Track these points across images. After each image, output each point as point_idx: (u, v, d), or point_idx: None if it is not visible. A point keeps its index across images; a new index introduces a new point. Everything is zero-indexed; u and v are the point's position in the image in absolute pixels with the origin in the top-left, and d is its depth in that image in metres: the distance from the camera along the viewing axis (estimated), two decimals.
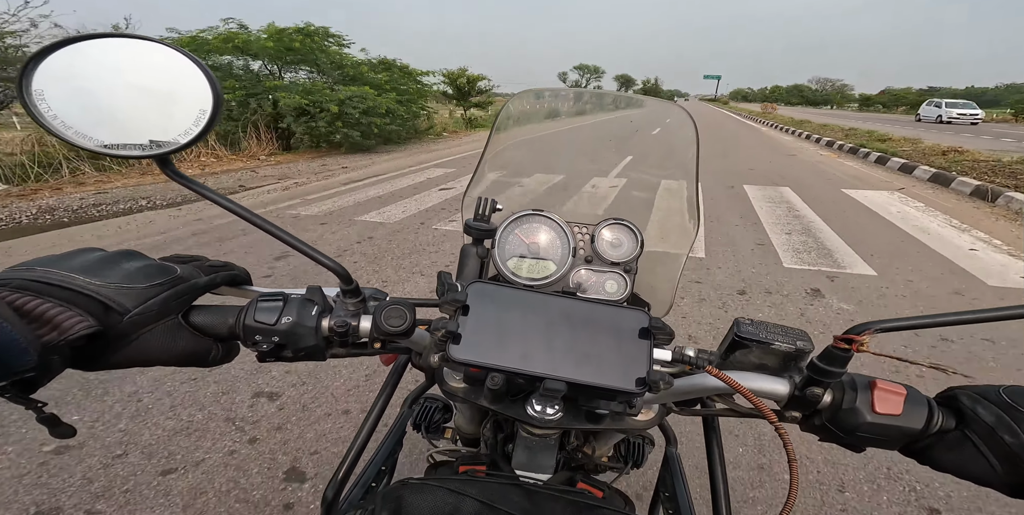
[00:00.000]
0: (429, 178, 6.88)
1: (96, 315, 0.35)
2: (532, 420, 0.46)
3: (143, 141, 0.39)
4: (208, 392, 1.98)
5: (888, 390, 0.40)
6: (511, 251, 0.69)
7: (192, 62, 0.39)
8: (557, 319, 0.46)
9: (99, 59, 0.38)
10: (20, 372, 0.31)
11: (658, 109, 0.85)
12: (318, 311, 0.45)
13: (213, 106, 0.39)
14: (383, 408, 0.66)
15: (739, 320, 0.46)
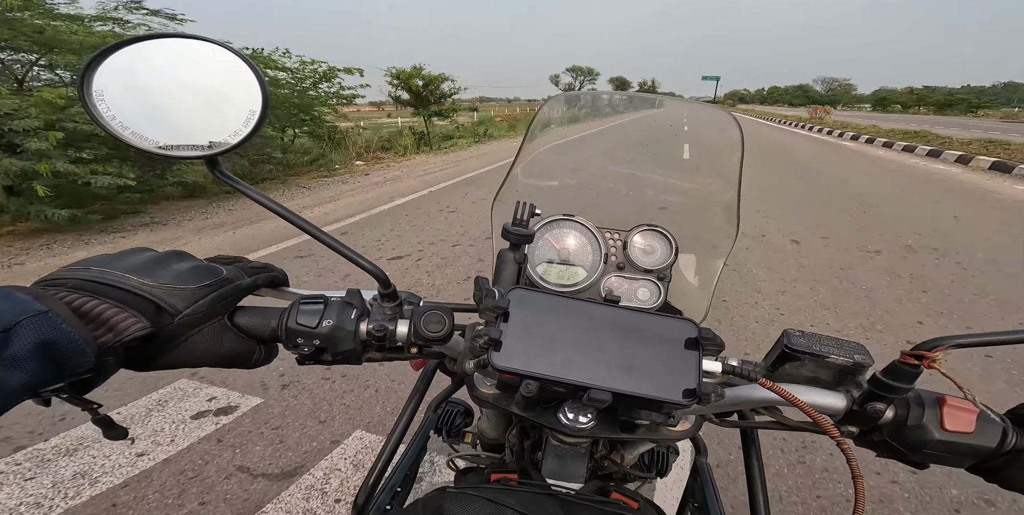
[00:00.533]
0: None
1: (149, 316, 0.35)
2: (564, 428, 0.45)
3: (196, 142, 0.40)
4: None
5: (959, 407, 0.38)
6: (541, 256, 0.69)
7: (243, 62, 0.39)
8: (600, 327, 0.44)
9: (157, 59, 0.38)
10: (78, 373, 0.31)
11: (697, 111, 0.83)
12: (357, 315, 0.45)
13: (262, 107, 0.39)
14: (413, 413, 0.66)
15: (789, 332, 0.44)
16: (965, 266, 3.64)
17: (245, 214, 5.43)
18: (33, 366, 0.28)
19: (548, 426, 0.46)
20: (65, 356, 0.29)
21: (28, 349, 0.27)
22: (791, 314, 2.87)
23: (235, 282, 0.42)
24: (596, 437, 0.52)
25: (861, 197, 6.27)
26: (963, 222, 5.00)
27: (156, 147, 0.39)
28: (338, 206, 5.82)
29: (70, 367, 0.30)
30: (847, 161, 10.63)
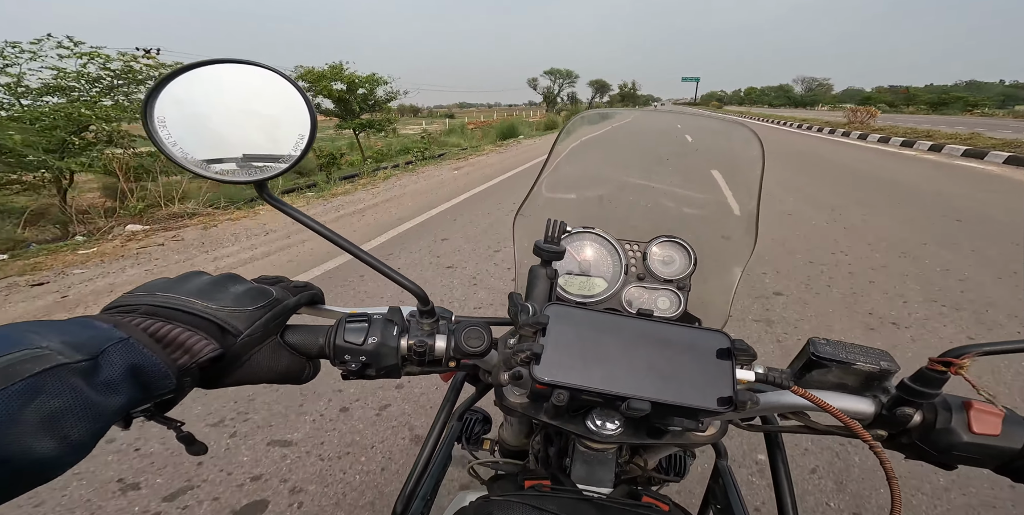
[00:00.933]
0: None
1: (216, 338, 0.37)
2: (593, 435, 0.46)
3: (248, 166, 0.41)
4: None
5: (985, 411, 0.40)
6: (562, 268, 0.70)
7: (292, 86, 0.40)
8: (635, 340, 0.46)
9: (212, 85, 0.39)
10: (162, 394, 0.33)
11: (715, 125, 0.85)
12: (398, 331, 0.47)
13: (310, 131, 0.41)
14: (446, 422, 0.67)
15: (814, 340, 0.46)
16: None
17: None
18: (125, 389, 0.29)
19: (577, 433, 0.48)
20: (150, 379, 0.31)
21: (119, 374, 0.29)
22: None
23: (284, 302, 0.44)
24: (624, 443, 0.53)
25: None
26: None
27: (214, 173, 0.40)
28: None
29: (156, 389, 0.32)
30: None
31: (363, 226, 5.19)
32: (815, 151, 12.46)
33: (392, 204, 6.22)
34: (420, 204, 6.13)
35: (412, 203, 6.22)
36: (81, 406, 0.26)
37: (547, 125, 27.44)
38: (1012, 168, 8.83)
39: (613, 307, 0.69)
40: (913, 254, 3.96)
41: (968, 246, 4.12)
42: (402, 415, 2.03)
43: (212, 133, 0.40)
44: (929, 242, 4.25)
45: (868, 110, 19.85)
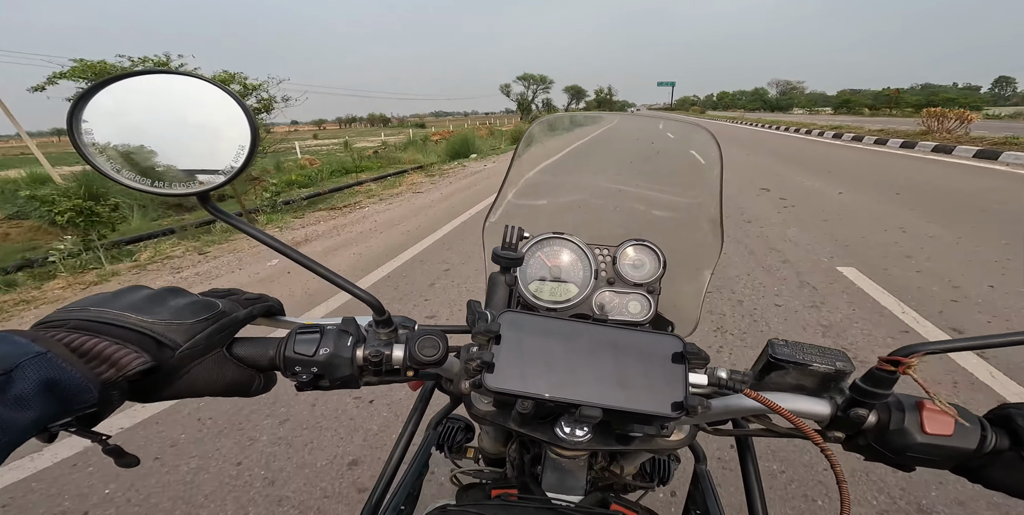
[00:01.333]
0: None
1: (150, 351, 0.37)
2: (562, 442, 0.46)
3: (188, 178, 0.40)
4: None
5: (936, 410, 0.40)
6: (533, 274, 0.70)
7: (229, 96, 0.39)
8: (589, 346, 0.46)
9: (143, 96, 0.38)
10: (83, 408, 0.32)
11: (675, 127, 0.86)
12: (353, 341, 0.46)
13: (251, 142, 0.40)
14: (413, 432, 0.66)
15: (773, 341, 0.46)
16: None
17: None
18: (38, 404, 0.29)
19: (546, 440, 0.47)
20: (68, 393, 0.31)
21: (32, 389, 0.29)
22: None
23: (231, 314, 0.43)
24: (593, 450, 0.53)
25: None
26: None
27: (148, 186, 0.40)
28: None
29: (75, 403, 0.31)
30: None
31: None
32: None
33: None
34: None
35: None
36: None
37: (515, 137, 21.58)
38: None
39: (584, 312, 0.69)
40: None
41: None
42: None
43: (146, 146, 0.39)
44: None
45: (963, 114, 13.32)
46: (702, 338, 2.61)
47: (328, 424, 2.00)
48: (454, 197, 7.42)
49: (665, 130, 0.89)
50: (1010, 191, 6.29)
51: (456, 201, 7.02)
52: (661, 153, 0.87)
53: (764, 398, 0.41)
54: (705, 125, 0.80)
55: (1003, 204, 5.48)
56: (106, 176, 0.38)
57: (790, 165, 9.81)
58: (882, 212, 5.42)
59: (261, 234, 0.44)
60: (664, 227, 0.80)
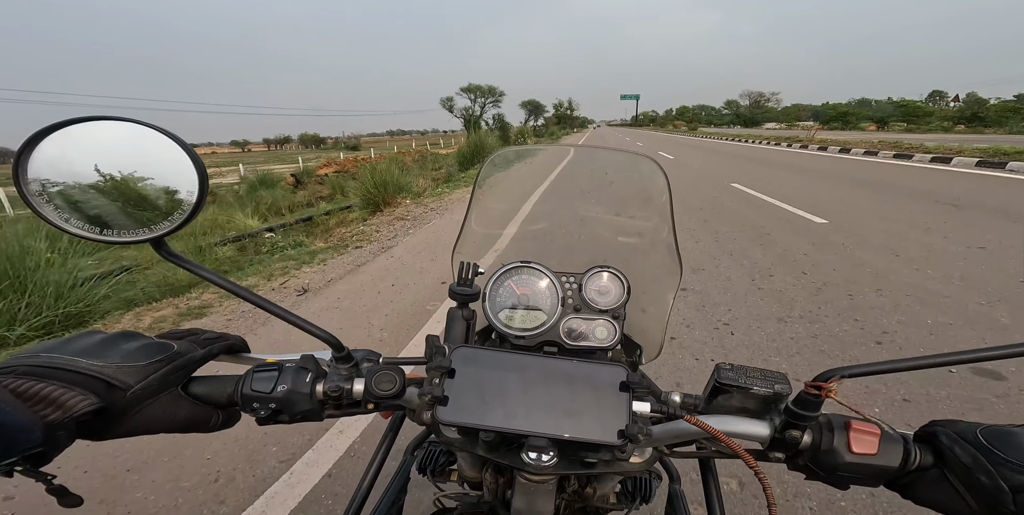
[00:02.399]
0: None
1: (99, 393, 0.38)
2: (528, 467, 0.47)
3: (139, 226, 0.41)
4: None
5: (862, 430, 0.41)
6: (502, 303, 0.71)
7: (173, 141, 0.39)
8: (539, 377, 0.48)
9: (87, 143, 0.38)
10: (27, 449, 0.34)
11: (624, 159, 0.89)
12: (312, 377, 0.48)
13: (199, 185, 0.41)
14: (383, 460, 0.67)
15: (720, 366, 0.48)
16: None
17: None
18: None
19: (513, 465, 0.48)
20: (11, 435, 0.32)
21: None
22: None
23: (187, 355, 0.45)
24: (558, 474, 0.54)
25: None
26: None
27: (97, 234, 0.40)
28: None
29: (18, 444, 0.33)
30: None
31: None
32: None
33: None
34: None
35: None
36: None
37: (465, 158, 16.00)
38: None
39: (552, 339, 0.70)
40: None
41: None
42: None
43: (94, 194, 0.39)
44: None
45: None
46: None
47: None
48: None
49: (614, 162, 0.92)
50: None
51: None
52: (615, 183, 0.90)
53: (701, 422, 0.43)
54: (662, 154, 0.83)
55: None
56: (55, 226, 0.39)
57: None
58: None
59: (218, 278, 0.45)
60: (626, 253, 0.82)
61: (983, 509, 0.36)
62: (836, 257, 4.28)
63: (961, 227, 5.12)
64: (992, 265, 3.86)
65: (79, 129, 0.38)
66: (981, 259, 4.02)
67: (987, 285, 3.44)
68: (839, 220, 5.75)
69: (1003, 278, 3.57)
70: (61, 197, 0.38)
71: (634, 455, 0.53)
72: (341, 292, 3.91)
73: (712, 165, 13.49)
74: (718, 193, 8.12)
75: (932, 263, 3.98)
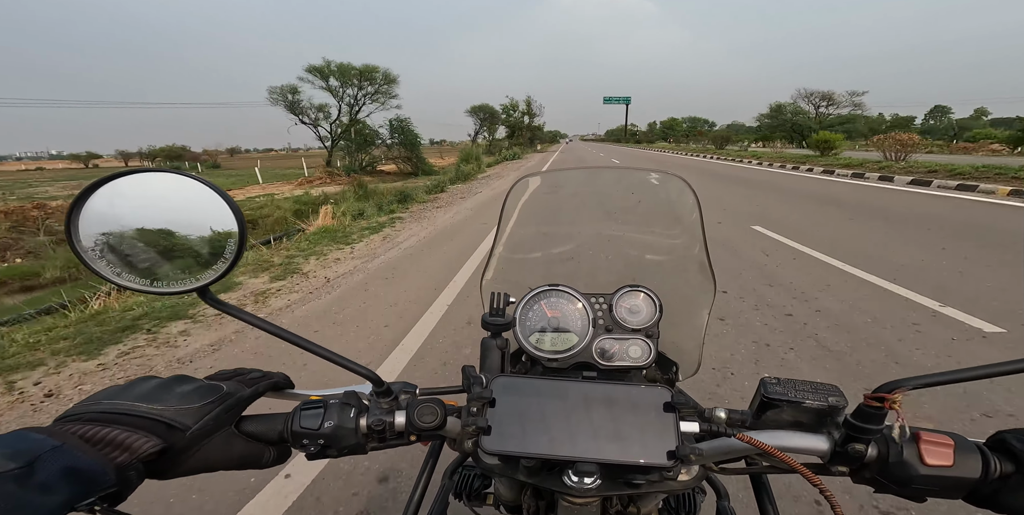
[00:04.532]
0: None
1: (160, 434, 0.41)
2: (571, 491, 0.47)
3: (184, 276, 0.43)
4: None
5: (934, 442, 0.40)
6: (532, 327, 0.71)
7: (211, 189, 0.41)
8: (580, 403, 0.48)
9: (133, 198, 0.39)
10: (104, 489, 0.36)
11: (654, 177, 0.89)
12: (356, 412, 0.49)
13: (239, 232, 0.42)
14: (425, 487, 0.67)
15: (765, 380, 0.46)
16: None
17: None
18: (62, 489, 0.33)
19: (556, 490, 0.48)
20: (88, 477, 0.35)
21: (53, 476, 0.33)
22: None
23: (236, 395, 0.47)
24: (602, 495, 0.53)
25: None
26: None
27: (145, 286, 0.42)
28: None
29: (95, 485, 0.35)
30: None
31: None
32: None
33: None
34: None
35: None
36: (15, 507, 0.30)
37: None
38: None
39: (585, 360, 0.70)
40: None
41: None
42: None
43: (143, 246, 0.41)
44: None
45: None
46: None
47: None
48: None
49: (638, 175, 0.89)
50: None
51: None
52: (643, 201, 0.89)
53: (755, 440, 0.42)
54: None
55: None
56: (108, 281, 0.41)
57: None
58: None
59: (263, 322, 0.47)
60: (657, 271, 0.81)
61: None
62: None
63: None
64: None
65: (125, 182, 0.39)
66: None
67: None
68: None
69: None
70: (112, 251, 0.40)
71: (682, 472, 0.51)
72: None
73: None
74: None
75: None
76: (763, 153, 27.43)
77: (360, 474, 1.88)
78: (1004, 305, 3.22)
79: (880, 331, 2.93)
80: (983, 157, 22.29)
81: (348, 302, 3.96)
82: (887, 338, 2.83)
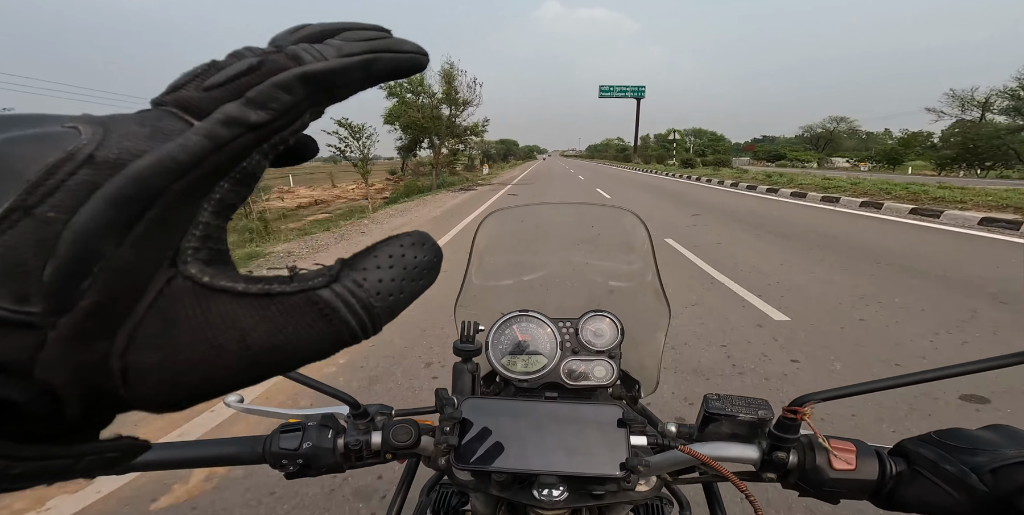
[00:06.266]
0: None
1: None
2: (540, 504, 0.51)
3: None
4: None
5: (840, 448, 0.46)
6: (503, 350, 0.76)
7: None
8: (543, 421, 0.53)
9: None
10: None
11: (612, 212, 0.97)
12: (333, 433, 0.53)
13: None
14: (402, 504, 0.70)
15: (707, 396, 0.53)
16: None
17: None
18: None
19: (527, 503, 0.52)
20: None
21: None
22: None
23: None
24: (569, 507, 0.57)
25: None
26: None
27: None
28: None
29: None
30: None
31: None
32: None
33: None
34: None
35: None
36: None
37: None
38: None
39: (554, 380, 0.75)
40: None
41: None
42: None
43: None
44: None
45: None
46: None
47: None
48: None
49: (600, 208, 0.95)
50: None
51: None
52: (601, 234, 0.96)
53: (694, 451, 0.48)
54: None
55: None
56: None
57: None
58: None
59: None
60: (619, 297, 0.88)
61: (962, 495, 0.40)
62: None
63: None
64: None
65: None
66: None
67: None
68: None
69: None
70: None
71: (640, 484, 0.56)
72: None
73: None
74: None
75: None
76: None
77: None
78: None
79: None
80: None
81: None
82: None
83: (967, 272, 4.68)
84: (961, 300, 3.87)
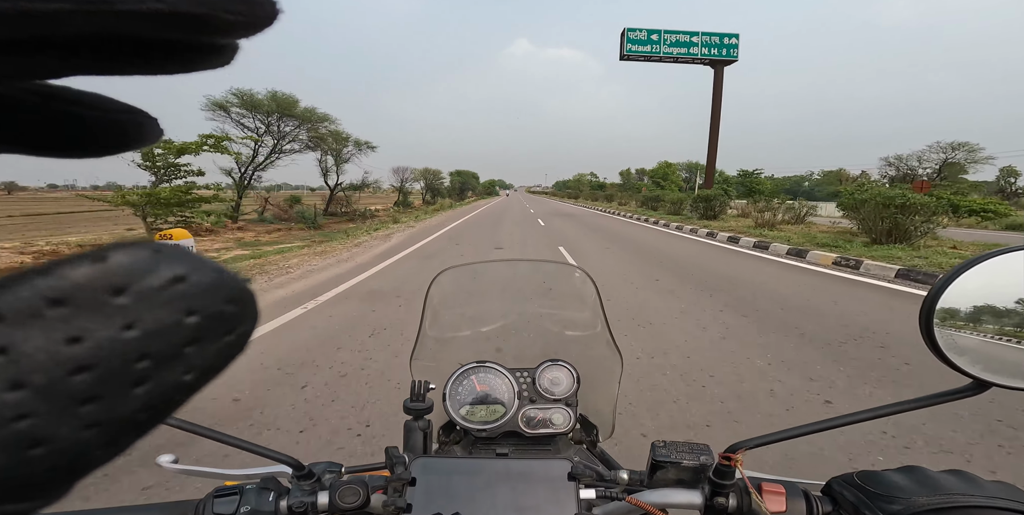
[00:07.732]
0: None
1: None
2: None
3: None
4: None
5: (771, 491, 0.48)
6: (462, 401, 0.77)
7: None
8: (494, 479, 0.53)
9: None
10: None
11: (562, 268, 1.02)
12: (275, 496, 0.51)
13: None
14: None
15: (655, 444, 0.55)
16: None
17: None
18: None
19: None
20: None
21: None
22: None
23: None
24: None
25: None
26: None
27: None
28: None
29: None
30: None
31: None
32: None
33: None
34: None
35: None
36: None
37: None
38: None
39: (513, 429, 0.75)
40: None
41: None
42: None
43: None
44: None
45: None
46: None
47: None
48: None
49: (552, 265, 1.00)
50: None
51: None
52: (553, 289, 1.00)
53: (639, 501, 0.49)
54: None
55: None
56: None
57: None
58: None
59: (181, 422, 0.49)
60: (574, 346, 0.90)
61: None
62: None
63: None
64: None
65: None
66: None
67: None
68: None
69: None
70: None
71: None
72: None
73: None
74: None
75: None
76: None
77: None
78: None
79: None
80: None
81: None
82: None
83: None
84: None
